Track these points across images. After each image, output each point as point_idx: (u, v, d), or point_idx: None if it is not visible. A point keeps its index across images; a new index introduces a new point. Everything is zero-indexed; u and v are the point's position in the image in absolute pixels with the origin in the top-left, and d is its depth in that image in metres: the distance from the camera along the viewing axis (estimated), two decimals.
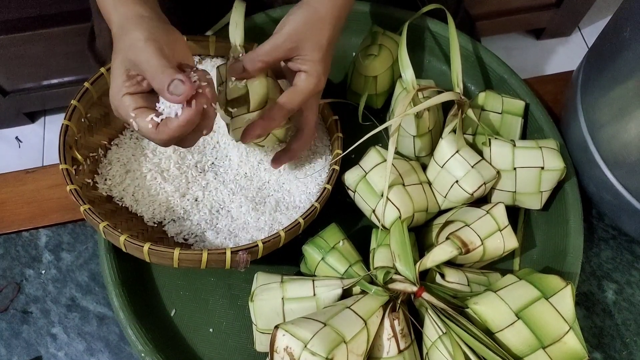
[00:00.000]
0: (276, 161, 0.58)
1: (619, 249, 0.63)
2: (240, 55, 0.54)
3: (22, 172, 0.66)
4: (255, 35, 0.64)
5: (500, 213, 0.54)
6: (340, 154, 0.58)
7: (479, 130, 0.60)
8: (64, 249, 0.62)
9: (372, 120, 0.66)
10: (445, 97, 0.56)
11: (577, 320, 0.47)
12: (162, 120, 0.44)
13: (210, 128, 0.47)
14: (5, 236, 0.63)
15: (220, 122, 0.62)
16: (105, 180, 0.57)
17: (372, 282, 0.50)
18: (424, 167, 0.60)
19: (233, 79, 0.52)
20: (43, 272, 0.61)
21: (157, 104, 0.45)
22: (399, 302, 0.49)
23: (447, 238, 0.52)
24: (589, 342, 0.58)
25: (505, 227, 0.54)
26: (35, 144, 1.41)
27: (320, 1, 0.51)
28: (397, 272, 0.50)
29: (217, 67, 0.61)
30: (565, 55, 1.53)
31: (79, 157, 0.54)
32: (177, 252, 0.47)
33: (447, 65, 0.68)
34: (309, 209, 0.53)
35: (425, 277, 0.54)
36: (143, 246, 0.47)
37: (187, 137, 0.46)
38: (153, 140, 0.45)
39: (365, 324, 0.46)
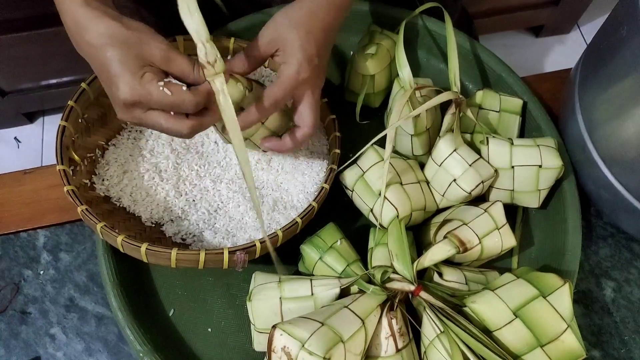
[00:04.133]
0: (267, 145, 0.55)
1: (617, 246, 0.63)
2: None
3: (20, 173, 0.66)
4: (253, 35, 0.63)
5: (498, 211, 0.54)
6: (338, 154, 0.58)
7: (477, 128, 0.60)
8: (62, 250, 0.62)
9: (369, 119, 0.66)
10: (443, 97, 0.55)
11: (575, 319, 0.47)
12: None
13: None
14: (4, 237, 0.63)
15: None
16: (103, 180, 0.57)
17: (370, 281, 0.50)
18: (422, 166, 0.60)
19: None
20: (41, 272, 0.61)
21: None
22: (396, 301, 0.49)
23: (445, 237, 0.52)
24: (587, 340, 0.58)
25: (503, 225, 0.54)
26: (34, 144, 1.41)
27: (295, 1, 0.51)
28: (394, 271, 0.50)
29: None
30: (564, 52, 1.53)
31: (76, 157, 0.54)
32: (174, 252, 0.47)
33: (445, 64, 0.68)
34: (306, 209, 0.53)
35: (423, 276, 0.54)
36: (140, 246, 0.47)
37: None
38: (183, 107, 0.46)
39: (363, 323, 0.46)
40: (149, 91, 0.44)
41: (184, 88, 0.45)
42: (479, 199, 0.58)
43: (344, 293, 0.51)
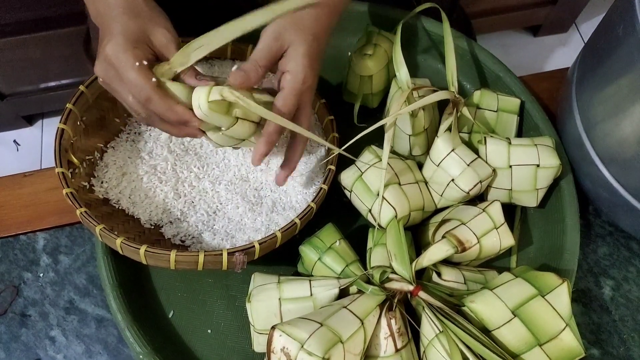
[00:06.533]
0: (280, 178, 0.55)
1: (616, 245, 0.63)
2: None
3: (19, 176, 0.66)
4: (250, 36, 0.63)
5: (496, 211, 0.54)
6: (336, 154, 0.58)
7: (475, 128, 0.60)
8: (62, 252, 0.63)
9: (367, 120, 0.66)
10: (440, 95, 0.56)
11: (573, 317, 0.47)
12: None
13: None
14: (3, 240, 0.63)
15: None
16: (102, 183, 0.57)
17: (369, 281, 0.51)
18: (420, 166, 0.60)
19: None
20: (41, 275, 0.61)
21: None
22: (395, 301, 0.49)
23: (443, 237, 0.52)
24: (586, 339, 0.58)
25: (502, 225, 0.54)
26: (34, 147, 1.41)
27: None
28: (393, 272, 0.50)
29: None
30: (563, 51, 1.54)
31: (75, 160, 0.54)
32: (173, 254, 0.47)
33: (443, 64, 0.68)
34: (305, 209, 0.53)
35: (421, 276, 0.54)
36: (139, 248, 0.47)
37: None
38: (139, 94, 0.47)
39: (362, 324, 0.46)
40: (123, 64, 0.46)
41: (153, 79, 0.47)
42: (477, 199, 0.58)
43: (343, 293, 0.51)
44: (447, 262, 0.54)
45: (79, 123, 0.56)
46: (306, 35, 0.49)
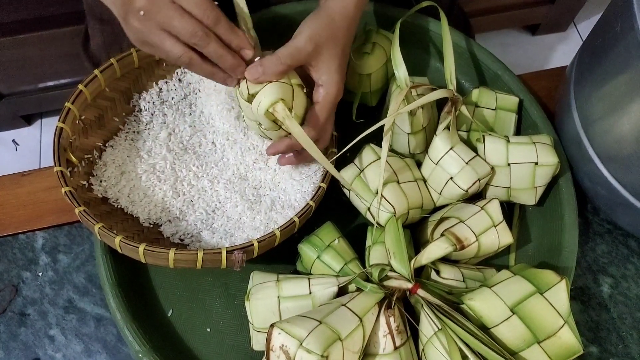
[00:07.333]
0: (285, 161, 0.57)
1: (614, 243, 0.63)
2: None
3: (18, 175, 0.66)
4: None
5: (494, 209, 0.54)
6: (335, 153, 0.58)
7: (473, 126, 0.60)
8: (61, 251, 0.63)
9: (366, 118, 0.66)
10: (438, 94, 0.56)
11: (572, 315, 0.47)
12: None
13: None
14: (2, 239, 0.63)
15: (216, 125, 0.62)
16: (101, 181, 0.57)
17: (368, 279, 0.51)
18: (419, 164, 0.60)
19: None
20: (40, 274, 0.61)
21: None
22: (394, 299, 0.49)
23: (442, 234, 0.52)
24: (585, 336, 0.59)
25: (500, 222, 0.54)
26: (32, 146, 1.41)
27: (335, 10, 0.52)
28: (392, 270, 0.50)
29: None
30: (561, 50, 1.54)
31: (74, 159, 0.54)
32: (172, 252, 0.47)
33: (441, 63, 0.68)
34: (304, 208, 0.53)
35: (420, 274, 0.55)
36: (138, 247, 0.47)
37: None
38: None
39: (361, 321, 0.46)
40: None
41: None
42: (475, 197, 0.59)
43: (342, 291, 0.51)
44: (445, 260, 0.54)
45: (77, 122, 0.56)
46: (337, 49, 0.51)
